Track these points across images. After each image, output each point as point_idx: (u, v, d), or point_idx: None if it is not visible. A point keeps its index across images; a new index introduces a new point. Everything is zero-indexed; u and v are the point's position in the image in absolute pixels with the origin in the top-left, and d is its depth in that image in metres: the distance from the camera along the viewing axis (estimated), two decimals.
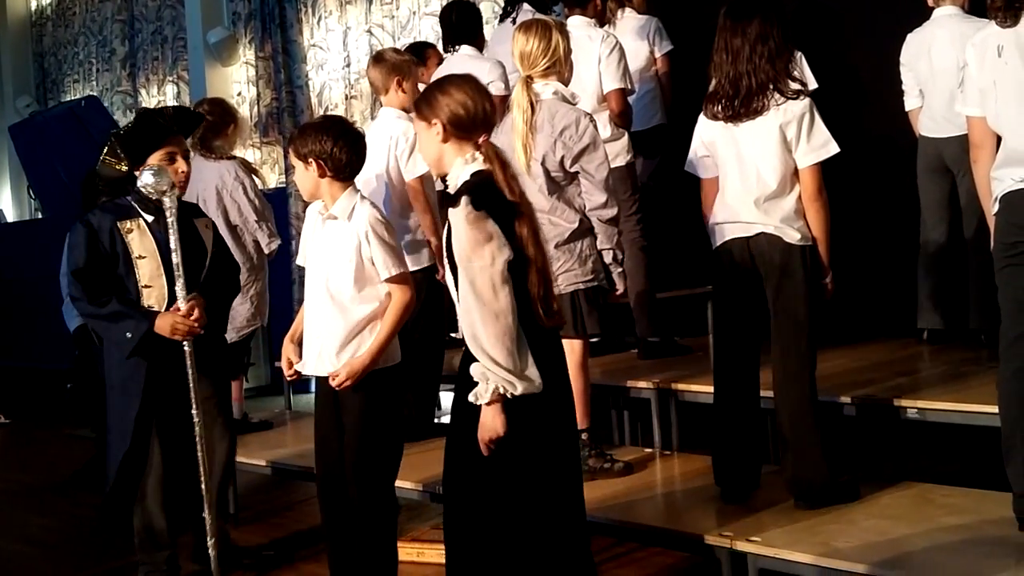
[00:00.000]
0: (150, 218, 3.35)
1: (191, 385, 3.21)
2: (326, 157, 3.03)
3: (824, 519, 2.96)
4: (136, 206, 3.36)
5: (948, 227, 4.43)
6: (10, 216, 11.72)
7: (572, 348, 3.54)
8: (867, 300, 4.81)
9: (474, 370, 2.41)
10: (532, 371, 2.41)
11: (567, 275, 3.42)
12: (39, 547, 4.45)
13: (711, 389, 3.32)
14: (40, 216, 10.80)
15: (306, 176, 3.09)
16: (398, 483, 3.87)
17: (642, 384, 4.14)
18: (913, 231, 4.58)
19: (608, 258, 3.51)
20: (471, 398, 2.43)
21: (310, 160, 3.06)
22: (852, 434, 3.65)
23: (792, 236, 3.08)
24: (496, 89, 4.82)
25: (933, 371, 4.07)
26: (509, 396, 2.40)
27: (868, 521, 2.95)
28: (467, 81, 2.63)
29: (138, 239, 3.32)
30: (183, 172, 3.40)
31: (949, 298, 4.44)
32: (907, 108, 4.56)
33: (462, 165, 2.54)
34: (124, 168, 3.37)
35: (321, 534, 3.88)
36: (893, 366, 4.06)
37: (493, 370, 2.37)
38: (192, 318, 3.21)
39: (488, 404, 2.39)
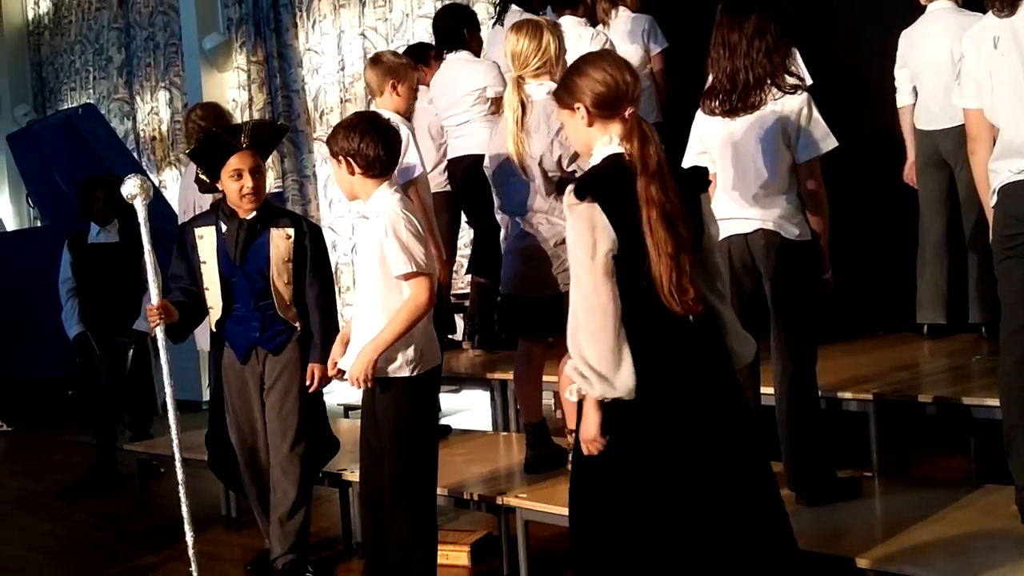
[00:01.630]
0: (224, 227, 3.56)
1: (166, 379, 3.42)
2: (354, 154, 3.06)
3: (826, 515, 2.96)
4: (217, 215, 3.61)
5: (947, 220, 4.43)
6: (9, 225, 11.72)
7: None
8: (867, 295, 4.81)
9: (568, 366, 2.31)
10: (622, 376, 2.24)
11: (565, 274, 3.40)
12: (42, 554, 4.45)
13: None
14: (39, 224, 10.80)
15: (339, 174, 3.14)
16: None
17: None
18: (912, 225, 4.57)
19: None
20: (565, 394, 2.39)
21: (340, 158, 3.09)
22: (853, 429, 3.64)
23: (791, 232, 3.06)
24: (493, 92, 4.82)
25: (933, 365, 4.07)
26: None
27: (870, 517, 2.96)
28: (602, 57, 2.50)
29: (205, 245, 3.58)
30: (249, 188, 3.52)
31: (949, 292, 4.44)
32: (898, 105, 4.57)
33: (600, 148, 2.42)
34: (208, 180, 3.62)
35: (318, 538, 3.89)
36: (893, 361, 4.05)
37: (580, 368, 2.26)
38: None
39: (582, 401, 2.31)
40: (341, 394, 7.36)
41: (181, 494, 3.36)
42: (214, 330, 3.66)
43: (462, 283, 6.06)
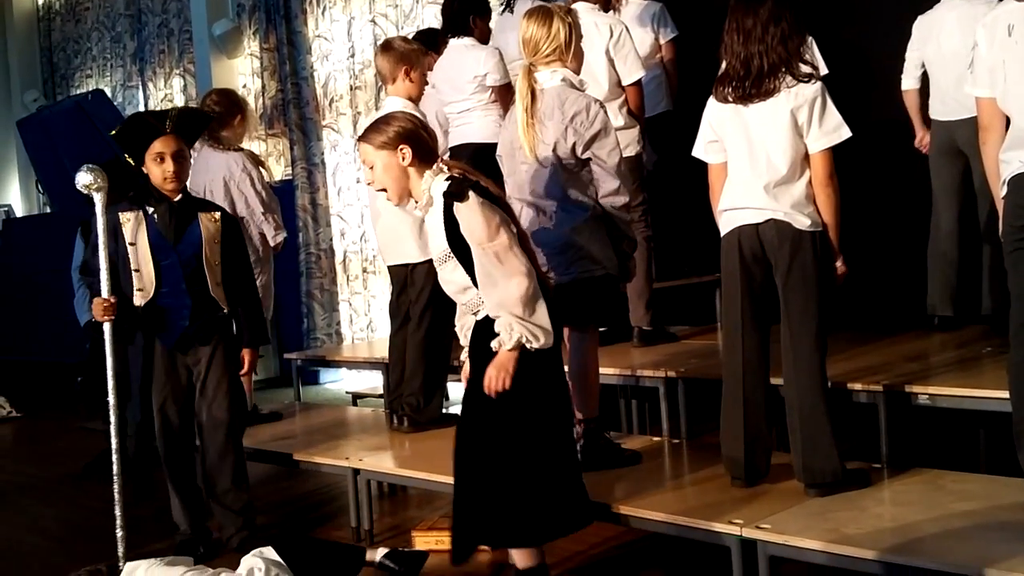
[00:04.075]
0: (150, 209, 3.68)
1: (108, 364, 3.63)
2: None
3: (834, 506, 2.95)
4: (141, 198, 3.71)
5: (959, 211, 4.40)
6: (19, 211, 11.76)
7: (583, 337, 3.53)
8: (877, 287, 4.79)
9: (500, 324, 2.81)
10: (549, 327, 2.83)
11: (580, 263, 3.40)
12: (51, 539, 4.47)
13: (720, 377, 3.31)
14: (48, 211, 10.83)
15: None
16: (408, 472, 3.89)
17: (650, 373, 4.13)
18: (923, 216, 4.55)
19: (620, 245, 3.47)
20: (494, 345, 2.82)
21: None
22: (862, 421, 3.64)
23: (802, 222, 3.05)
24: (492, 80, 4.80)
25: (944, 357, 4.05)
26: (530, 348, 2.82)
27: (878, 508, 2.94)
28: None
29: (132, 228, 3.66)
30: (171, 172, 3.64)
31: (960, 284, 4.42)
32: (903, 87, 4.55)
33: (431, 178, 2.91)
34: (133, 163, 3.73)
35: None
36: (903, 352, 4.04)
37: (521, 323, 2.78)
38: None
39: (509, 351, 2.80)
40: (349, 382, 7.40)
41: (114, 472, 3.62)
42: (141, 313, 3.68)
43: None
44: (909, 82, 4.53)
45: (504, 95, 4.71)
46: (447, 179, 2.92)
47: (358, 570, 3.33)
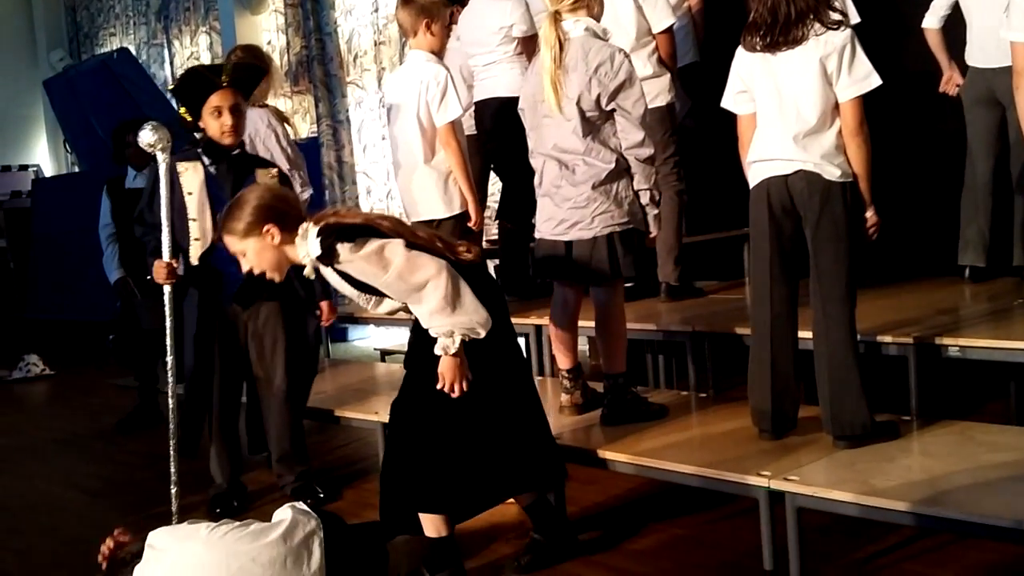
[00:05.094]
0: (207, 160, 3.69)
1: (167, 326, 3.62)
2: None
3: (863, 458, 2.94)
4: (199, 150, 3.72)
5: (995, 161, 4.33)
6: (48, 171, 11.83)
7: (609, 292, 3.52)
8: (908, 238, 4.74)
9: (436, 332, 2.72)
10: (482, 312, 2.70)
11: (603, 217, 3.37)
12: (87, 494, 4.55)
13: (748, 331, 3.29)
14: (77, 170, 10.90)
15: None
16: None
17: (678, 327, 4.12)
18: (956, 166, 4.48)
19: (644, 199, 3.42)
20: (438, 350, 2.74)
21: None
22: (892, 373, 3.61)
23: (832, 173, 3.00)
24: (519, 31, 4.74)
25: (974, 309, 4.02)
26: (476, 337, 2.73)
27: (908, 459, 2.93)
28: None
29: (190, 177, 3.66)
30: (228, 126, 3.66)
31: (992, 235, 4.36)
32: (924, 25, 4.46)
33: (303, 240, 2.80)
34: (190, 118, 3.75)
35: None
36: (934, 304, 4.00)
37: (456, 324, 2.69)
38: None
39: (455, 355, 2.74)
40: (377, 339, 7.43)
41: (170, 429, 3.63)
42: (195, 263, 3.68)
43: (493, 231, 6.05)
44: (932, 21, 4.44)
45: (530, 47, 4.66)
46: (317, 235, 2.78)
47: (386, 546, 3.33)
